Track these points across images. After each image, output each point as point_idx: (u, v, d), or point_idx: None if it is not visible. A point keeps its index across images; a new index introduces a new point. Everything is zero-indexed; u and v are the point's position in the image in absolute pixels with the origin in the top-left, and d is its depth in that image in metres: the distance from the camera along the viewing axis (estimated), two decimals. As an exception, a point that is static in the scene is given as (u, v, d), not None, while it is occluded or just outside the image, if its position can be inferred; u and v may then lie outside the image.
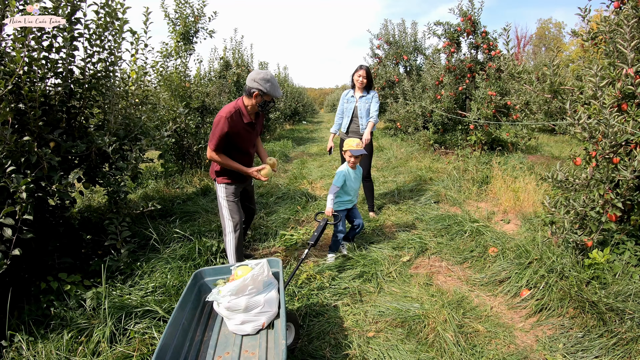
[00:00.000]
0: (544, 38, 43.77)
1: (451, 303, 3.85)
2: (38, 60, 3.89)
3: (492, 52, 10.19)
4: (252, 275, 2.98)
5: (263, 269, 3.10)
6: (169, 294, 3.92)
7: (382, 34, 15.54)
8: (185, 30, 8.56)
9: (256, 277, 3.01)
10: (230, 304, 2.90)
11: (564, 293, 3.79)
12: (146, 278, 4.16)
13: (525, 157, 9.57)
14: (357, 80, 6.02)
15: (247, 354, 2.77)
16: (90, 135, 4.52)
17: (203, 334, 3.02)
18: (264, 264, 3.16)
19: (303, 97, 26.88)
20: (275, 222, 6.13)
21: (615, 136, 3.46)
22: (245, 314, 2.92)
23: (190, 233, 5.27)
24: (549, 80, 4.81)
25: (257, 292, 3.00)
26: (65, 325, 3.36)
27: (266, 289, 3.09)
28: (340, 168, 4.72)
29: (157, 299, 3.76)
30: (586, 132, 3.73)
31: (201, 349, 2.86)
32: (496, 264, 4.54)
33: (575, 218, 3.98)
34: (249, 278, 2.96)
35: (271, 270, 3.27)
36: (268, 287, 3.11)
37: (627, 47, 3.59)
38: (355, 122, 6.15)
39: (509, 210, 6.36)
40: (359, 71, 6.01)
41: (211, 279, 3.37)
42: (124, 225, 4.41)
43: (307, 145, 15.10)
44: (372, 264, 4.63)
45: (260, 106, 3.91)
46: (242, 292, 2.94)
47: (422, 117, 12.03)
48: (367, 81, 6.03)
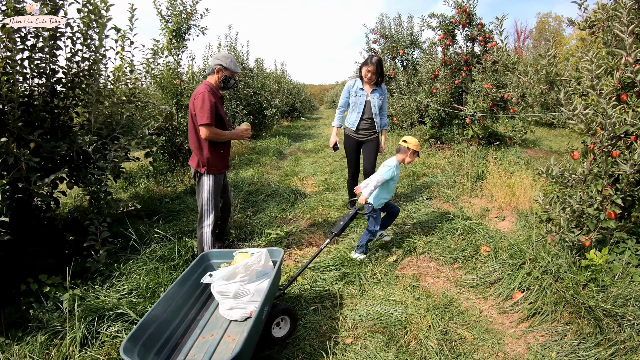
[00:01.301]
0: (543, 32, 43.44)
1: (437, 307, 3.61)
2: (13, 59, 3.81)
3: (489, 45, 9.96)
4: (245, 264, 3.04)
5: (260, 259, 3.15)
6: (143, 296, 3.77)
7: (377, 28, 15.26)
8: (177, 27, 8.35)
9: (249, 265, 3.06)
10: (221, 288, 3.02)
11: (558, 296, 3.55)
12: (123, 280, 4.00)
13: (523, 151, 9.32)
14: (365, 75, 5.35)
15: (228, 339, 2.92)
16: (73, 135, 4.42)
17: (198, 313, 3.22)
18: (262, 253, 3.20)
19: (301, 93, 26.59)
20: (262, 221, 5.88)
21: (614, 128, 3.19)
22: (235, 300, 3.02)
23: (172, 233, 5.07)
24: (545, 70, 4.58)
25: (248, 280, 3.07)
26: (41, 328, 3.29)
27: (259, 279, 3.16)
28: (390, 161, 4.46)
29: (132, 301, 3.64)
30: (583, 124, 3.46)
31: (191, 326, 3.06)
32: (488, 264, 4.29)
33: (571, 216, 3.72)
34: (241, 266, 3.02)
35: (271, 260, 3.37)
36: (262, 277, 3.18)
37: (625, 32, 3.32)
38: (368, 121, 5.55)
39: (504, 207, 6.11)
40: (368, 66, 5.29)
41: (217, 261, 3.53)
42: (104, 225, 4.29)
43: (304, 141, 14.84)
44: (356, 264, 4.39)
45: (222, 82, 4.16)
46: (232, 279, 3.02)
47: (417, 111, 11.81)
48: (375, 77, 5.38)
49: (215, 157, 4.16)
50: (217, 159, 4.18)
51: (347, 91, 5.58)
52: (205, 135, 3.95)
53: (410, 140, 4.42)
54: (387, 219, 4.90)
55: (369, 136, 5.64)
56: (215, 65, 4.10)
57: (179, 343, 2.90)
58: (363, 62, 5.44)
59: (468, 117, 9.45)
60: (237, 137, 4.31)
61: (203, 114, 3.88)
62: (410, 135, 4.56)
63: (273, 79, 19.69)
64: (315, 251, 4.21)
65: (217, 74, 4.13)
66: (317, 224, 5.79)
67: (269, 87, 16.45)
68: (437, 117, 10.78)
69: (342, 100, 5.65)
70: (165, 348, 2.79)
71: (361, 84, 5.51)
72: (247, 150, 11.71)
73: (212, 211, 4.20)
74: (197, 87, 4.11)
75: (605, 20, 4.21)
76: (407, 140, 4.41)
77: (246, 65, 14.89)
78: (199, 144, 4.10)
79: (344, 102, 5.63)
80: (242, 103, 13.39)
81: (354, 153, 5.80)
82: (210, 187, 4.17)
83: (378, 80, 5.46)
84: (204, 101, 3.89)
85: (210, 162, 4.12)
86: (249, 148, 12.03)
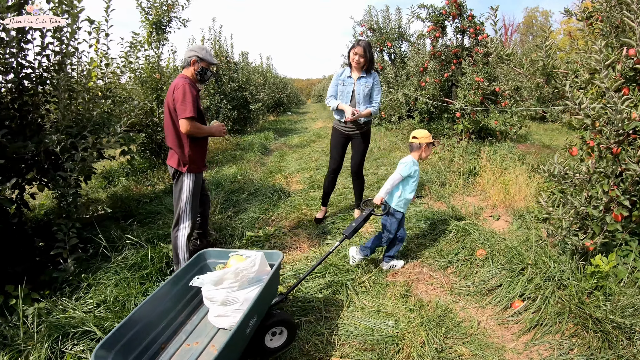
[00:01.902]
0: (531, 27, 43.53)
1: (431, 319, 3.31)
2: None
3: (479, 37, 9.73)
4: (234, 269, 2.82)
5: (253, 263, 2.92)
6: (112, 310, 3.43)
7: (365, 21, 15.00)
8: (157, 20, 8.00)
9: (239, 271, 2.83)
10: (209, 294, 2.82)
11: (562, 306, 3.27)
12: (91, 291, 3.67)
13: (515, 146, 9.07)
14: (352, 60, 4.94)
15: (212, 349, 2.73)
16: (43, 134, 4.13)
17: (188, 317, 3.03)
18: (257, 257, 2.98)
19: (288, 87, 26.26)
20: (243, 222, 5.55)
21: (623, 123, 2.90)
22: (223, 307, 2.81)
23: (146, 237, 4.72)
24: (542, 62, 4.31)
25: (238, 287, 2.83)
26: (6, 345, 3.00)
27: (252, 285, 2.91)
28: (406, 158, 4.10)
29: (99, 316, 3.29)
30: (589, 119, 3.17)
31: (178, 332, 2.88)
32: (484, 269, 4.01)
33: (575, 218, 3.43)
34: (230, 271, 2.80)
35: (268, 264, 3.12)
36: (255, 284, 2.94)
37: (635, 20, 3.02)
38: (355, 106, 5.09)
39: (499, 205, 5.84)
40: (355, 48, 4.90)
41: (215, 261, 3.32)
42: (74, 231, 4.00)
43: (289, 136, 14.49)
44: (343, 272, 4.08)
45: (198, 74, 3.92)
46: (220, 284, 2.81)
47: (406, 105, 11.55)
48: (364, 61, 4.93)
49: (197, 154, 3.94)
50: (198, 155, 3.97)
51: (336, 79, 5.18)
52: (187, 130, 3.71)
53: (419, 134, 4.06)
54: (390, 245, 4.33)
55: (357, 129, 5.19)
56: (191, 57, 3.87)
57: (161, 349, 2.71)
58: (351, 46, 5.01)
59: (458, 110, 9.20)
60: (216, 132, 4.06)
61: (185, 107, 3.65)
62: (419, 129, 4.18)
63: (258, 72, 19.36)
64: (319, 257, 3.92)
65: (193, 66, 3.89)
66: (302, 225, 5.47)
67: (254, 81, 16.11)
68: (426, 111, 10.55)
69: (331, 89, 5.19)
70: (145, 355, 2.59)
71: (349, 71, 5.09)
72: (231, 146, 11.34)
73: (189, 214, 3.94)
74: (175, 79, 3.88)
75: (606, 10, 3.95)
76: (417, 135, 4.06)
77: (230, 59, 14.57)
78: (178, 140, 3.83)
79: (333, 90, 5.17)
80: (226, 97, 13.06)
81: (339, 147, 5.34)
82: (190, 188, 3.91)
83: (368, 66, 5.01)
84: (185, 93, 3.66)
85: (192, 160, 3.88)
86: (233, 144, 11.67)
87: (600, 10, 4.04)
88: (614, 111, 2.79)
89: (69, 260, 3.87)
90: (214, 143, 11.13)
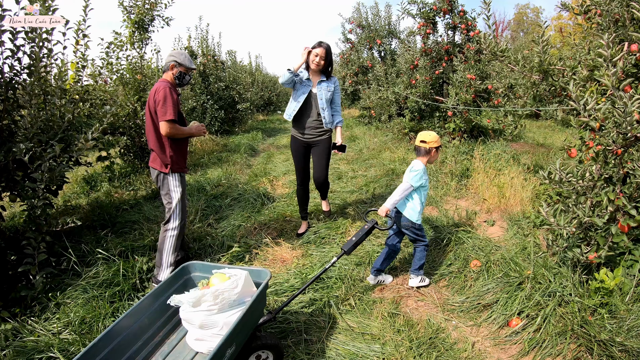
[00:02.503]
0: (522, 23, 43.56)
1: (422, 342, 3.02)
2: None
3: (471, 33, 9.48)
4: (214, 291, 2.56)
5: (236, 284, 2.64)
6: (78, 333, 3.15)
7: (354, 18, 14.77)
8: (140, 19, 7.66)
9: (219, 293, 2.57)
10: (186, 316, 2.56)
11: (564, 325, 2.99)
12: (60, 311, 3.40)
13: (508, 145, 8.80)
14: (312, 61, 4.56)
15: None
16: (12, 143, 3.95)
17: (166, 336, 2.80)
18: (240, 278, 2.70)
19: (278, 86, 25.89)
20: (224, 230, 5.24)
21: (632, 126, 2.61)
22: (202, 330, 2.56)
23: (120, 250, 4.41)
24: (538, 58, 4.04)
25: (217, 310, 2.57)
26: None
27: (232, 309, 2.63)
28: (416, 164, 3.69)
29: (65, 340, 3.05)
30: (595, 121, 2.88)
31: (153, 353, 2.65)
32: (479, 283, 3.73)
33: (578, 228, 3.14)
34: (209, 293, 2.55)
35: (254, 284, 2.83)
36: (238, 306, 2.66)
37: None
38: (314, 116, 4.71)
39: (493, 209, 5.56)
40: (316, 48, 4.55)
41: (200, 275, 3.07)
42: (44, 245, 3.80)
43: (278, 136, 14.18)
44: (326, 287, 3.77)
45: (177, 78, 3.99)
46: (198, 307, 2.56)
47: (396, 104, 11.27)
48: (324, 63, 4.61)
49: (178, 155, 3.99)
50: (180, 156, 4.02)
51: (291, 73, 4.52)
52: (167, 132, 3.77)
53: (428, 137, 3.65)
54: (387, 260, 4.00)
55: (318, 136, 4.78)
56: (170, 62, 3.97)
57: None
58: (313, 45, 4.62)
59: (450, 109, 8.92)
60: (195, 133, 4.09)
61: (166, 110, 3.73)
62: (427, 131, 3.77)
63: (246, 71, 19.05)
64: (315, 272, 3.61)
65: (171, 70, 3.99)
66: (285, 234, 5.16)
67: (242, 80, 15.79)
68: (417, 110, 10.27)
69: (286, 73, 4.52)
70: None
71: (307, 74, 4.68)
72: (218, 148, 11.03)
73: (180, 213, 4.00)
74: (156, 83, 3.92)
75: (606, 4, 3.69)
76: (425, 139, 3.64)
77: (218, 58, 14.27)
78: (160, 142, 3.89)
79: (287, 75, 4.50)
80: (213, 97, 12.75)
81: (301, 158, 4.94)
82: (177, 186, 3.99)
83: (328, 69, 4.69)
84: (166, 96, 3.74)
85: (173, 160, 3.94)
86: (220, 145, 11.37)
87: (599, 4, 3.78)
88: (623, 112, 2.49)
89: (38, 277, 3.66)
90: (200, 145, 10.84)
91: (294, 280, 3.87)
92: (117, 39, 6.92)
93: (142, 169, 7.81)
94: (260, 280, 2.90)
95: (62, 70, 4.64)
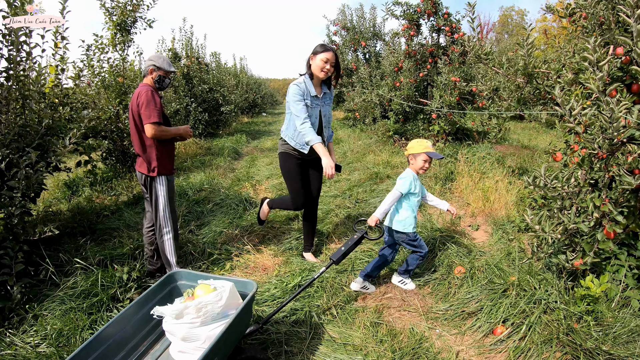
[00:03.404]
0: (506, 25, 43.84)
1: (405, 353, 2.94)
2: None
3: (456, 35, 9.48)
4: (196, 304, 2.50)
5: (220, 297, 2.59)
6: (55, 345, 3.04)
7: (339, 20, 14.72)
8: (122, 21, 7.54)
9: (202, 306, 2.51)
10: (169, 327, 2.52)
11: (549, 333, 2.93)
12: (37, 323, 3.28)
13: (493, 147, 8.79)
14: (321, 69, 3.89)
15: None
16: None
17: (150, 346, 2.75)
18: (223, 291, 2.64)
19: (262, 88, 25.86)
20: (205, 237, 5.13)
21: (618, 132, 2.55)
22: (184, 343, 2.52)
23: (99, 258, 4.27)
24: (523, 61, 4.00)
25: (200, 323, 2.51)
26: None
27: (216, 322, 2.57)
28: (405, 172, 3.68)
29: (44, 353, 2.95)
30: (580, 125, 2.83)
31: None
32: (464, 290, 3.67)
33: (563, 234, 3.08)
34: (192, 306, 2.49)
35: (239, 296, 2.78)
36: (220, 319, 2.60)
37: (632, 16, 2.67)
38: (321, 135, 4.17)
39: (478, 213, 5.51)
40: (326, 53, 3.86)
41: (186, 283, 3.02)
42: (21, 255, 3.69)
43: (262, 139, 14.06)
44: (307, 296, 3.68)
45: (157, 82, 3.97)
46: (181, 319, 2.49)
47: (380, 106, 11.24)
48: (336, 71, 4.04)
49: (164, 157, 3.96)
50: (167, 159, 3.99)
51: (301, 96, 3.90)
52: (152, 134, 3.74)
53: (409, 146, 3.67)
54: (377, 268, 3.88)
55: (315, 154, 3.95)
56: (149, 66, 3.96)
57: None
58: (317, 49, 3.93)
59: (434, 112, 8.90)
60: (182, 134, 4.10)
61: (150, 112, 3.71)
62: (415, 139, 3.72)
63: (231, 73, 18.95)
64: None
65: (151, 75, 3.97)
66: (267, 241, 5.05)
67: (226, 82, 15.68)
68: (401, 112, 10.23)
69: (300, 108, 3.86)
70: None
71: (312, 87, 3.99)
72: (201, 151, 10.92)
73: (170, 216, 4.00)
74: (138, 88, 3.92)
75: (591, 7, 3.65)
76: (407, 148, 3.69)
77: (202, 60, 14.17)
78: (146, 146, 3.87)
79: (304, 109, 3.86)
80: (196, 100, 12.64)
81: (299, 177, 4.22)
82: (165, 190, 3.96)
83: (337, 76, 4.13)
84: (149, 99, 3.74)
85: (161, 163, 3.90)
86: (204, 148, 11.25)
87: (584, 6, 3.74)
88: (609, 118, 2.43)
89: (15, 287, 3.55)
90: (184, 148, 10.73)
91: (275, 290, 3.77)
92: (97, 42, 6.80)
93: (124, 173, 7.71)
94: (247, 291, 2.84)
95: (40, 74, 4.53)
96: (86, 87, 7.02)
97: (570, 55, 4.18)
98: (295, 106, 3.86)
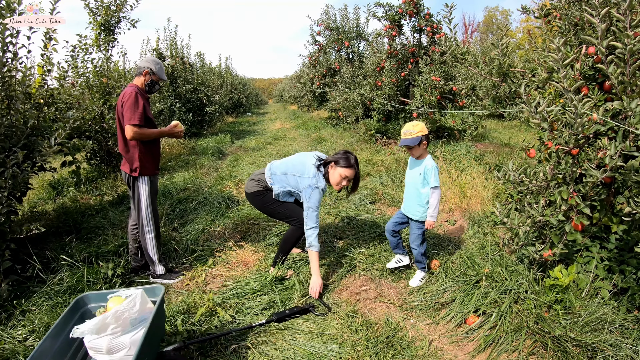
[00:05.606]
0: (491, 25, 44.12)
1: (379, 342, 3.03)
2: None
3: (437, 35, 9.61)
4: (114, 312, 2.49)
5: (134, 303, 2.60)
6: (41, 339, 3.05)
7: (322, 20, 14.81)
8: (106, 21, 7.53)
9: (120, 314, 2.51)
10: (91, 344, 2.45)
11: (519, 322, 3.03)
12: (25, 318, 3.34)
13: (473, 145, 8.92)
14: (338, 182, 3.84)
15: None
16: None
17: None
18: (136, 296, 2.65)
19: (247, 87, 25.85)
20: (188, 234, 5.18)
21: (583, 127, 2.66)
22: (110, 356, 2.47)
23: (85, 256, 4.32)
24: (497, 61, 4.11)
25: (122, 331, 2.51)
26: None
27: (135, 327, 2.59)
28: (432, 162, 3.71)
29: (31, 347, 3.01)
30: (546, 122, 2.93)
31: None
32: (438, 283, 3.76)
33: (532, 227, 3.19)
34: (110, 315, 2.47)
35: (150, 301, 2.78)
36: (139, 324, 2.62)
37: (595, 16, 2.78)
38: None
39: (455, 209, 5.62)
40: (347, 169, 3.77)
41: (96, 305, 2.87)
42: (8, 253, 3.80)
43: (246, 139, 14.09)
44: (285, 289, 3.76)
45: (147, 86, 4.06)
46: (103, 332, 2.46)
47: (362, 105, 11.32)
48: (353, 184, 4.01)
49: (147, 158, 4.01)
50: (149, 159, 4.03)
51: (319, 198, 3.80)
52: (131, 136, 3.78)
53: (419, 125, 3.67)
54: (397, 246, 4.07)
55: None
56: (145, 68, 4.03)
57: None
58: (340, 162, 3.80)
59: (415, 111, 9.00)
60: (168, 134, 4.18)
61: (131, 115, 3.75)
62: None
63: (215, 73, 18.95)
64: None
65: (144, 77, 4.05)
66: (248, 238, 5.12)
67: (211, 82, 15.70)
68: (383, 111, 10.32)
69: (317, 214, 3.79)
70: None
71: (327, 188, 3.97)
72: (186, 151, 10.94)
73: (152, 216, 4.08)
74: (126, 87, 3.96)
75: (565, 8, 3.76)
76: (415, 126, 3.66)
77: (186, 60, 14.18)
78: (128, 146, 3.93)
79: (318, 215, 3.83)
80: (180, 100, 12.64)
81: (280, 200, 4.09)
82: (146, 191, 4.03)
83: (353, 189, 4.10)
84: (133, 102, 3.78)
85: (142, 164, 3.95)
86: (188, 148, 11.27)
87: (559, 7, 3.85)
88: (573, 115, 2.54)
89: (3, 284, 3.61)
90: (168, 148, 10.75)
91: (255, 283, 3.84)
92: (81, 42, 6.80)
93: (108, 173, 7.72)
94: (156, 296, 2.88)
95: (26, 75, 4.57)
96: (70, 87, 7.04)
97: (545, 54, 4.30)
98: (316, 212, 3.76)
